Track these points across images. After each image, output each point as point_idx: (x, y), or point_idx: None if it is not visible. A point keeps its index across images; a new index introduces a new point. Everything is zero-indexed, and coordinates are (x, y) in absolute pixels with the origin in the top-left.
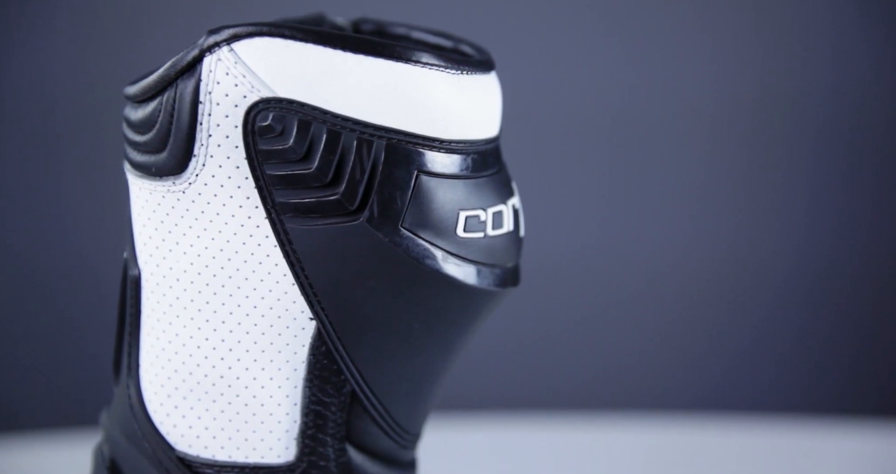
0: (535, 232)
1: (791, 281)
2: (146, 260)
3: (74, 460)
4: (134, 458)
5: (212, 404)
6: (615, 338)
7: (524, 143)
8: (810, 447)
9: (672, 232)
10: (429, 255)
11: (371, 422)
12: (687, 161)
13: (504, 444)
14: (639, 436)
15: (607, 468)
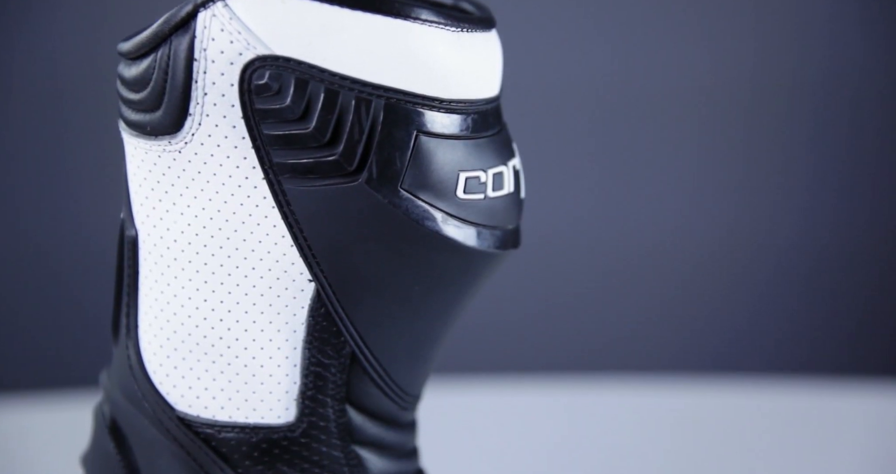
0: (537, 196)
1: (794, 247)
2: (143, 220)
3: (75, 420)
4: (134, 418)
5: (211, 365)
6: (617, 302)
7: (527, 117)
8: (813, 407)
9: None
10: (428, 217)
11: (371, 384)
12: (693, 132)
13: (505, 407)
14: (640, 399)
15: (609, 431)
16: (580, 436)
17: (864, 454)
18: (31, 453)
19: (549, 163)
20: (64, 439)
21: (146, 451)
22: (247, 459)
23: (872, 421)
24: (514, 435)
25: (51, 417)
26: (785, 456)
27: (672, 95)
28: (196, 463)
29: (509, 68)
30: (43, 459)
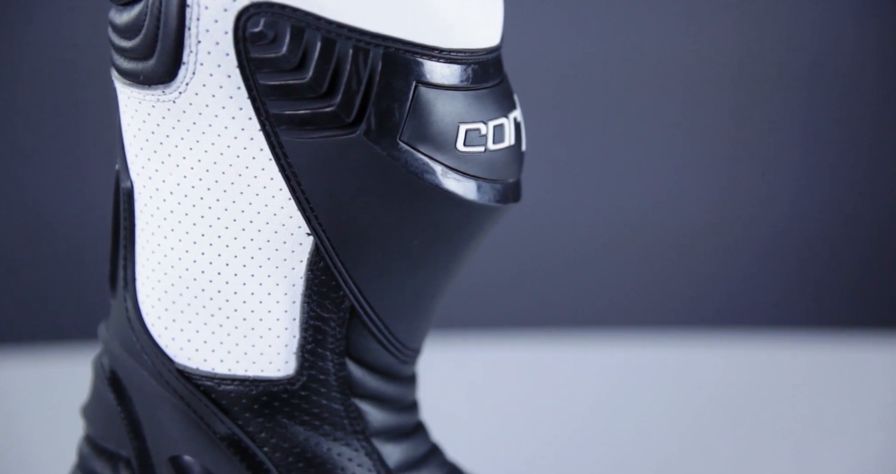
0: (538, 150)
1: (793, 200)
2: (138, 172)
3: (75, 372)
4: (133, 370)
5: (210, 318)
6: (617, 257)
7: (525, 86)
8: (814, 360)
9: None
10: (428, 170)
11: (370, 338)
12: (692, 88)
13: (505, 362)
14: (641, 354)
15: (610, 386)
16: (580, 392)
17: (866, 406)
18: (31, 405)
19: (550, 119)
20: (64, 391)
21: (146, 403)
22: (247, 411)
23: (873, 374)
24: (514, 390)
25: (51, 369)
26: (786, 408)
27: (679, 57)
28: (196, 415)
29: None
30: (44, 411)
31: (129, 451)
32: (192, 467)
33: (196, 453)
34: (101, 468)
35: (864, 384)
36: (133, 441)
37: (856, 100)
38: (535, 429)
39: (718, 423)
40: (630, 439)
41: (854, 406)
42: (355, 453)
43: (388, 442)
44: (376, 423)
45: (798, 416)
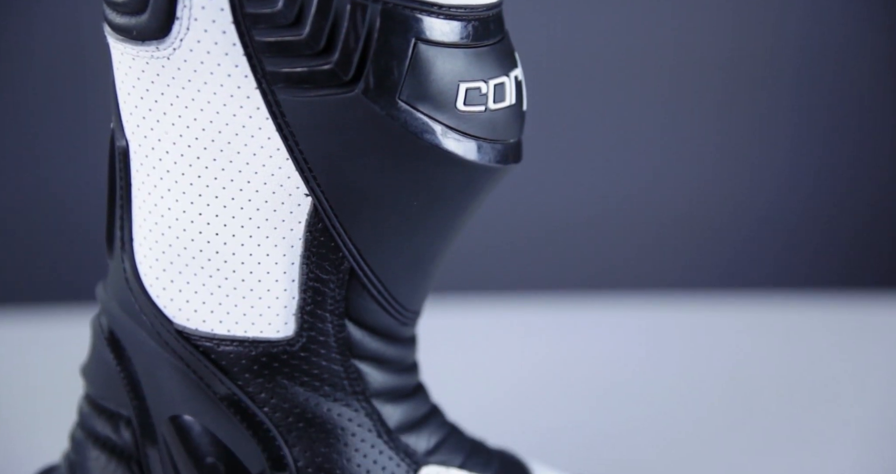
0: (539, 111)
1: (794, 161)
2: (133, 130)
3: (74, 332)
4: (132, 330)
5: (208, 279)
6: (618, 220)
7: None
8: (815, 322)
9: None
10: (427, 130)
11: (370, 299)
12: (693, 51)
13: (506, 325)
14: (641, 317)
15: (610, 349)
16: (579, 354)
17: (866, 366)
18: (31, 365)
19: (552, 79)
20: (64, 351)
21: (145, 363)
22: (246, 372)
23: (873, 334)
24: (514, 352)
25: (49, 330)
26: (788, 370)
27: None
28: (196, 375)
29: None
30: (43, 370)
31: (129, 410)
32: (192, 426)
33: (196, 413)
34: (102, 427)
35: (864, 343)
36: (133, 400)
37: (849, 68)
38: (535, 391)
39: (720, 385)
40: (630, 402)
41: (855, 365)
42: (355, 413)
43: (388, 403)
44: (376, 384)
45: (799, 377)
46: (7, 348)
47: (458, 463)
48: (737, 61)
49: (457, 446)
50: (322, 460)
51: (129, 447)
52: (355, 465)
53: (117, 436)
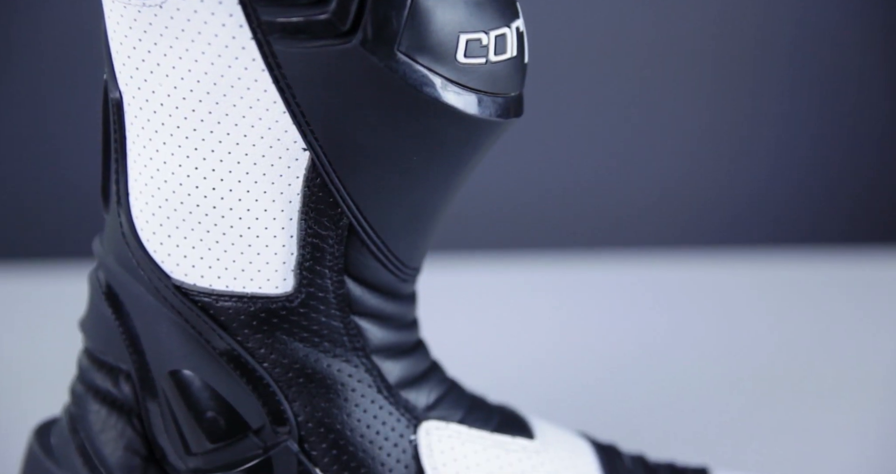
0: (540, 63)
1: (796, 116)
2: (126, 82)
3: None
4: (130, 285)
5: (205, 234)
6: (619, 176)
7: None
8: (817, 277)
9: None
10: (427, 82)
11: (369, 256)
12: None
13: (507, 283)
14: (643, 274)
15: (612, 307)
16: (580, 312)
17: (867, 322)
18: (29, 320)
19: (552, 32)
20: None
21: (144, 318)
22: (245, 328)
23: (875, 289)
24: (515, 310)
25: (47, 285)
26: (790, 326)
27: None
28: (195, 331)
29: None
30: (42, 325)
31: (128, 365)
32: (191, 381)
33: (195, 367)
34: (102, 381)
35: (866, 299)
36: (132, 355)
37: (846, 18)
38: (535, 348)
39: (722, 343)
40: (631, 359)
41: (857, 321)
42: (355, 369)
43: (388, 359)
44: (376, 340)
45: (801, 333)
46: (5, 303)
47: (458, 418)
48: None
49: (457, 402)
50: (322, 415)
51: (129, 401)
52: (355, 420)
53: (117, 390)
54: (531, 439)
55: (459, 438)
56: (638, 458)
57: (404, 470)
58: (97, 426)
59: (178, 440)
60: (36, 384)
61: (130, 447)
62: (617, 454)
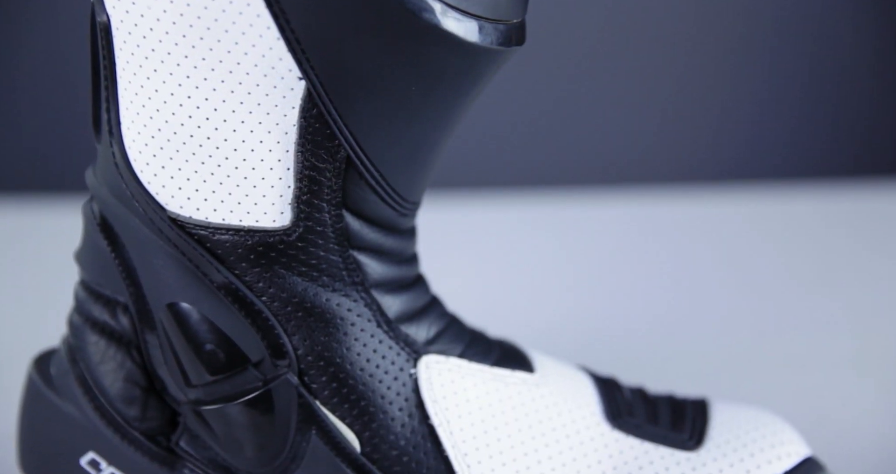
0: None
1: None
2: (114, 5)
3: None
4: (125, 217)
5: (200, 166)
6: (619, 112)
7: None
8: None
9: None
10: (426, 8)
11: (368, 189)
12: None
13: (507, 219)
14: (642, 211)
15: (612, 242)
16: (580, 248)
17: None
18: (25, 252)
19: None
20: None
21: (140, 250)
22: (243, 261)
23: (877, 222)
24: (515, 246)
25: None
26: (791, 260)
27: None
28: (192, 264)
29: None
30: (38, 257)
31: (125, 297)
32: (190, 314)
33: (193, 300)
34: (99, 313)
35: (867, 232)
36: (129, 287)
37: None
38: (535, 284)
39: (721, 276)
40: (631, 294)
41: (858, 254)
42: (354, 303)
43: (387, 294)
44: (375, 275)
45: (801, 266)
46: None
47: (458, 352)
48: None
49: (456, 336)
50: (322, 348)
51: (127, 332)
52: (355, 354)
53: (115, 322)
54: (531, 372)
55: (459, 372)
56: (637, 391)
57: (404, 402)
58: (96, 357)
59: (178, 372)
60: (33, 315)
61: (130, 378)
62: (616, 387)
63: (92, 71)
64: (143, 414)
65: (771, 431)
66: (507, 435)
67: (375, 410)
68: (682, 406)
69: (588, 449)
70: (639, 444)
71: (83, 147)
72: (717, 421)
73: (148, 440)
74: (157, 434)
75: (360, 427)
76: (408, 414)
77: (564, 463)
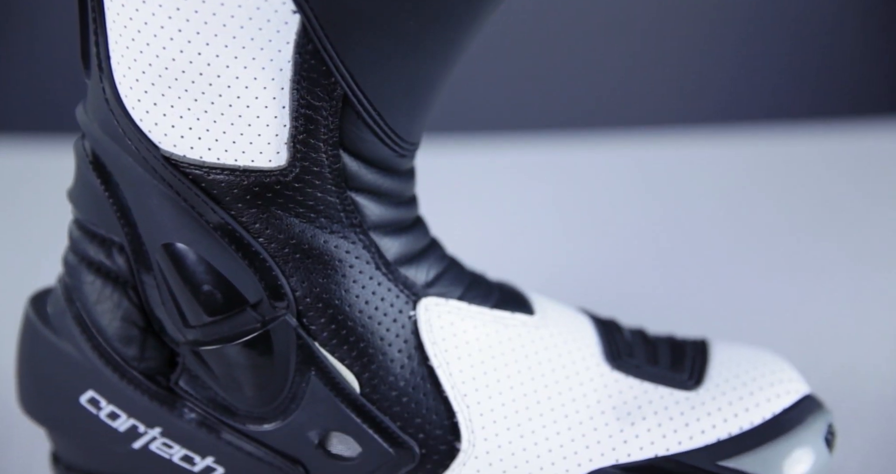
0: None
1: None
2: None
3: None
4: (117, 155)
5: (193, 103)
6: (617, 55)
7: None
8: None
9: None
10: None
11: (365, 129)
12: None
13: (507, 162)
14: (641, 153)
15: (610, 185)
16: (581, 191)
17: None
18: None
19: None
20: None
21: (134, 189)
22: (239, 201)
23: (874, 161)
24: (517, 188)
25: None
26: (789, 201)
27: None
28: (187, 204)
29: None
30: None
31: (120, 237)
32: (186, 254)
33: (189, 241)
34: (95, 252)
35: (866, 172)
36: (124, 227)
37: None
38: (535, 227)
39: (720, 217)
40: (630, 236)
41: (857, 193)
42: (353, 246)
43: (386, 236)
44: (374, 217)
45: (803, 207)
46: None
47: (458, 294)
48: None
49: (456, 278)
50: (320, 290)
51: (123, 272)
52: (354, 296)
53: (111, 262)
54: (531, 315)
55: (459, 314)
56: (637, 332)
57: (403, 344)
58: (93, 297)
59: (176, 312)
60: (28, 254)
61: (128, 318)
62: (616, 328)
63: (78, 2)
64: (141, 353)
65: (770, 369)
66: (507, 376)
67: (375, 352)
68: (682, 346)
69: (587, 390)
70: (638, 384)
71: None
72: (717, 360)
73: (147, 379)
74: (156, 373)
75: (360, 368)
76: (407, 356)
77: (563, 403)
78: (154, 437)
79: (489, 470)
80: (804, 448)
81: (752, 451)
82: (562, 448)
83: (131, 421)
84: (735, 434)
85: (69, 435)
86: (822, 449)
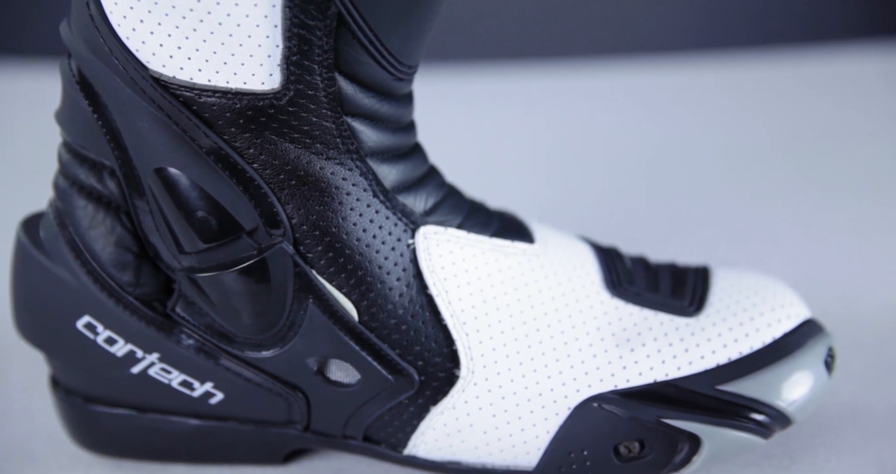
0: None
1: None
2: None
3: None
4: (105, 75)
5: (181, 21)
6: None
7: None
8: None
9: None
10: None
11: (361, 50)
12: None
13: (507, 91)
14: (641, 78)
15: (610, 110)
16: (580, 118)
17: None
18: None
19: None
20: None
21: (123, 112)
22: (232, 126)
23: (875, 82)
24: (516, 116)
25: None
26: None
27: None
28: (178, 127)
29: None
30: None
31: (111, 160)
32: (179, 179)
33: (182, 166)
34: (85, 176)
35: (866, 94)
36: (114, 150)
37: None
38: (535, 155)
39: (721, 143)
40: (630, 163)
41: (856, 117)
42: (350, 173)
43: (383, 163)
44: (371, 143)
45: (803, 131)
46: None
47: (457, 223)
48: None
49: (455, 206)
50: (317, 218)
51: (115, 197)
52: (351, 224)
53: (102, 186)
54: (531, 243)
55: (458, 242)
56: (639, 260)
57: (402, 272)
58: (85, 222)
59: (170, 238)
60: (16, 177)
61: (121, 243)
62: (617, 256)
63: None
64: (136, 279)
65: (772, 294)
66: (506, 304)
67: (373, 280)
68: (684, 273)
69: (587, 317)
70: (638, 311)
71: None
72: (718, 286)
73: (143, 305)
74: (152, 299)
75: (358, 296)
76: (406, 284)
77: (563, 330)
78: (152, 362)
79: (488, 396)
80: (803, 371)
81: (751, 375)
82: (560, 374)
83: (129, 347)
84: (735, 358)
85: (67, 359)
86: (822, 373)
